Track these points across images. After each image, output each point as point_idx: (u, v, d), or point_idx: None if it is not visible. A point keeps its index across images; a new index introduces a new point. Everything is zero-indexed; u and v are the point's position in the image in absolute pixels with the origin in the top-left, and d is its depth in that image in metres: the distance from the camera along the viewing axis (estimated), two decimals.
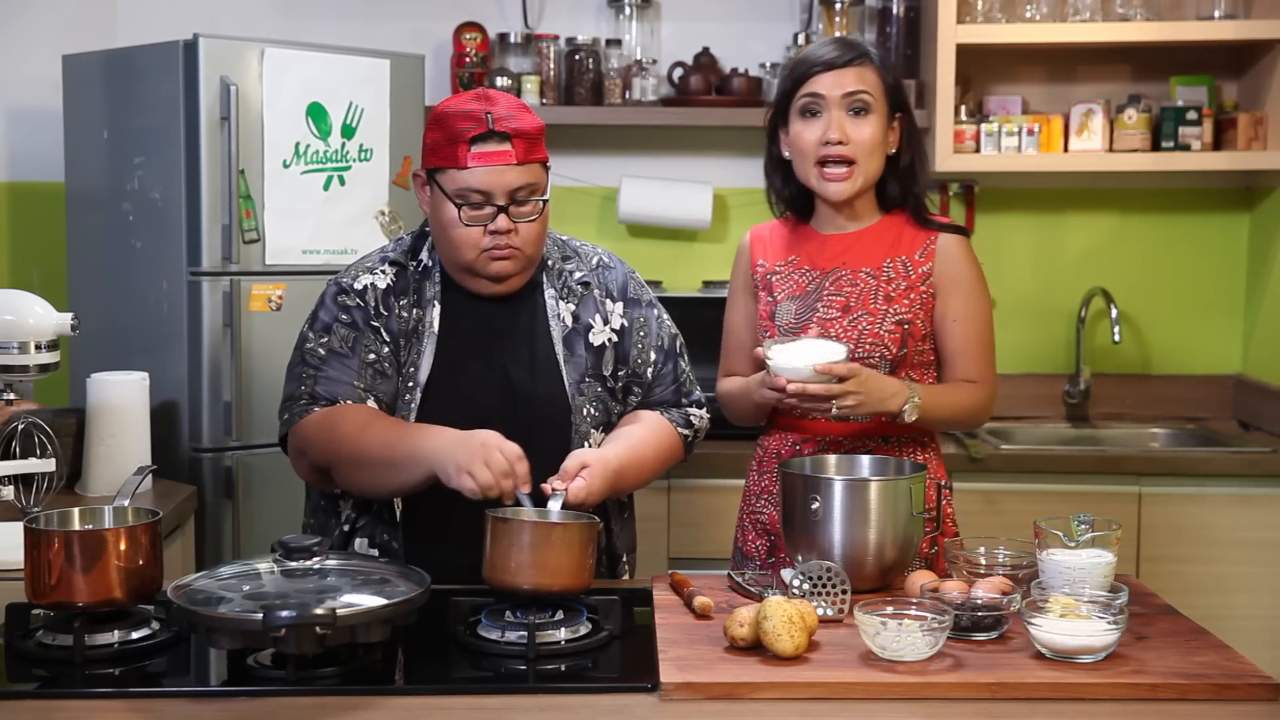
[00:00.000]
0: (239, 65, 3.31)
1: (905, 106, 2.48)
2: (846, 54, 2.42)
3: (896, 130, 2.47)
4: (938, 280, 2.45)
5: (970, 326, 2.46)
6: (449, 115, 2.24)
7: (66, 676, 1.87)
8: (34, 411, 2.91)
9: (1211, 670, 1.86)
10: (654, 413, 2.43)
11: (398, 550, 2.29)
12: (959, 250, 2.47)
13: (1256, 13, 3.86)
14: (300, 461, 2.31)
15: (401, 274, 2.34)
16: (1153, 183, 4.12)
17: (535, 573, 1.98)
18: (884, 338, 2.42)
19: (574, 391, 2.32)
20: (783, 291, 2.51)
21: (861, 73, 2.42)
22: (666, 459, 2.41)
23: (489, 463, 2.04)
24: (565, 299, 2.36)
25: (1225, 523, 3.57)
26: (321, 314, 2.33)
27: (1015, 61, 4.09)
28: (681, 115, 3.97)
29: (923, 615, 1.90)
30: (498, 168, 2.20)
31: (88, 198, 3.58)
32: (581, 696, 1.81)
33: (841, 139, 2.40)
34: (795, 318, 2.48)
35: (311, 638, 1.75)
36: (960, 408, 2.46)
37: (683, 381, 2.47)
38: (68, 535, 1.94)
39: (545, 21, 4.11)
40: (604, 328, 2.37)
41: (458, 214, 2.22)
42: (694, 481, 3.53)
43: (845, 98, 2.41)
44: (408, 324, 2.30)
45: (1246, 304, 4.16)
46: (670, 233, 4.14)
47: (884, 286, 2.44)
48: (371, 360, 2.28)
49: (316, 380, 2.28)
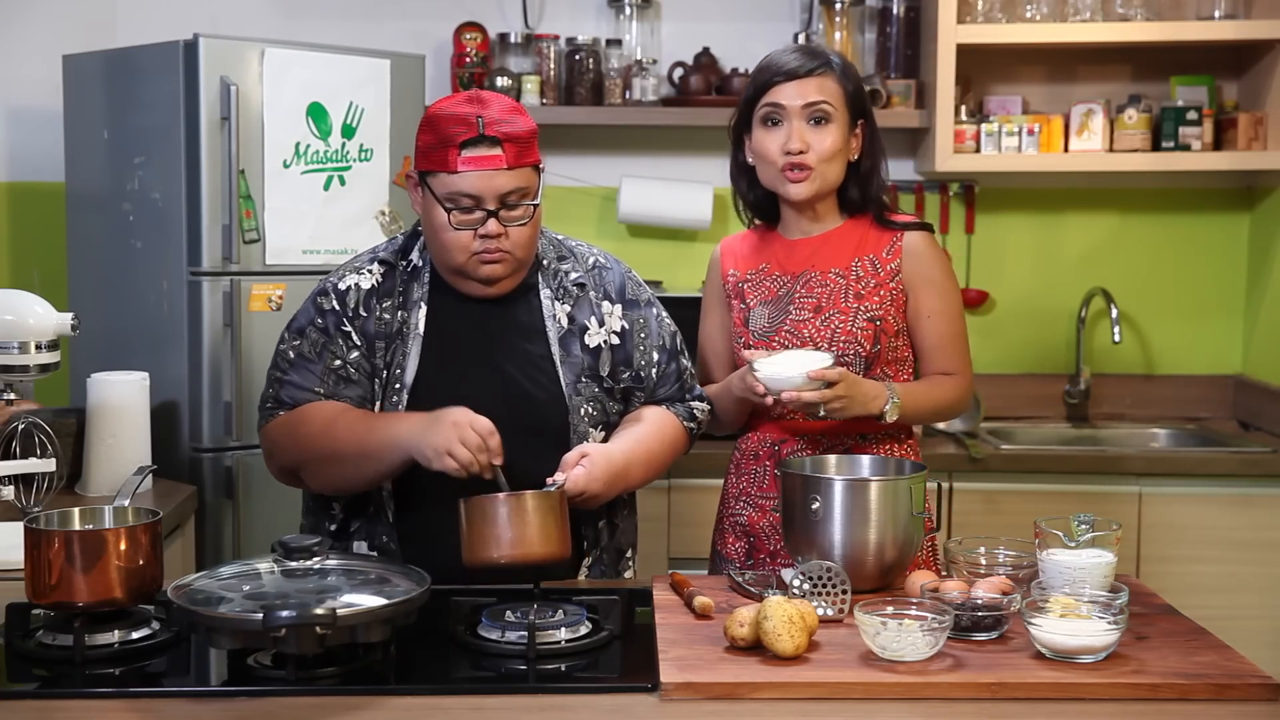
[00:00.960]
0: (239, 65, 3.31)
1: (867, 113, 2.52)
2: (808, 64, 2.46)
3: (859, 137, 2.51)
4: (907, 278, 2.49)
5: (944, 321, 2.50)
6: (440, 118, 2.23)
7: (66, 676, 1.87)
8: (34, 411, 2.90)
9: (1211, 670, 1.86)
10: (658, 408, 2.43)
11: (395, 551, 2.30)
12: (925, 246, 2.51)
13: (1256, 13, 3.86)
14: (271, 463, 2.36)
15: (390, 273, 2.34)
16: (1153, 183, 4.12)
17: (512, 545, 2.01)
18: (856, 335, 2.45)
19: (571, 391, 2.32)
20: (754, 298, 2.55)
21: (823, 83, 2.46)
22: (673, 452, 2.42)
23: (464, 441, 2.07)
24: (561, 300, 2.36)
25: (1225, 523, 3.57)
26: (300, 315, 2.36)
27: (1015, 61, 4.09)
28: (681, 115, 3.97)
29: (923, 615, 1.90)
30: (487, 172, 2.19)
31: (88, 198, 3.58)
32: (581, 696, 1.81)
33: (802, 148, 2.44)
34: (769, 322, 2.51)
35: (311, 638, 1.75)
36: (938, 402, 2.51)
37: (685, 378, 2.48)
38: (68, 535, 1.93)
39: (545, 21, 4.11)
40: (600, 330, 2.36)
41: (447, 218, 2.22)
42: (694, 481, 3.53)
43: (806, 108, 2.45)
44: (390, 326, 2.30)
45: (1246, 304, 4.16)
46: (670, 233, 4.14)
47: (853, 285, 2.48)
48: (336, 366, 2.30)
49: (282, 385, 2.32)
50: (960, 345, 2.53)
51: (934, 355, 2.51)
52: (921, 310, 2.49)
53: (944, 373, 2.52)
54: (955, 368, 2.52)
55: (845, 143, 2.48)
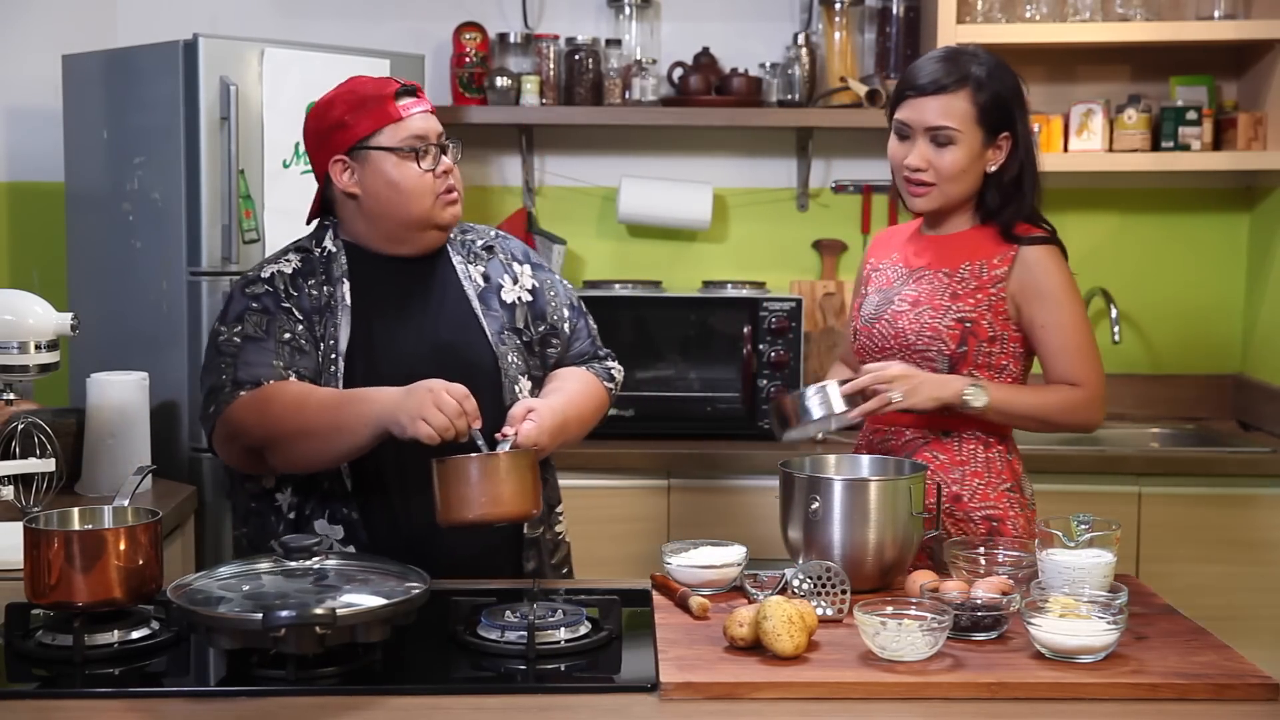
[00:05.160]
0: (239, 65, 3.31)
1: (1012, 123, 2.48)
2: (940, 80, 2.43)
3: (1003, 148, 2.47)
4: (1019, 288, 2.46)
5: (1059, 333, 2.46)
6: (353, 91, 2.36)
7: (66, 676, 1.87)
8: (34, 411, 2.90)
9: (1211, 670, 1.86)
10: (579, 369, 2.52)
11: (356, 520, 2.31)
12: (1040, 258, 2.47)
13: (1256, 13, 3.86)
14: (231, 447, 2.31)
15: (307, 259, 2.40)
16: (1153, 183, 4.12)
17: (486, 504, 2.05)
18: (942, 332, 2.46)
19: (496, 341, 2.40)
20: (874, 286, 2.60)
21: (951, 103, 2.43)
22: (599, 410, 2.51)
23: (440, 406, 2.09)
24: (473, 263, 2.46)
25: (1225, 523, 3.57)
26: (232, 306, 2.36)
27: (1015, 61, 4.00)
28: (681, 115, 3.97)
29: (923, 615, 1.90)
30: (427, 114, 2.36)
31: (88, 198, 3.57)
32: (581, 696, 1.81)
33: (922, 166, 2.45)
34: (875, 310, 2.56)
35: (311, 638, 1.75)
36: (1044, 404, 2.46)
37: (594, 336, 2.59)
38: (68, 535, 1.94)
39: (545, 21, 4.11)
40: (514, 286, 2.47)
41: (415, 160, 2.31)
42: (694, 481, 3.53)
43: (928, 130, 2.44)
44: (320, 300, 2.35)
45: (1246, 304, 4.16)
46: (670, 233, 4.14)
47: (954, 285, 2.48)
48: (288, 339, 2.32)
49: (237, 367, 2.29)
50: (1081, 357, 2.46)
51: (1055, 365, 2.48)
52: (1035, 321, 2.47)
53: (1066, 382, 2.47)
54: (1077, 378, 2.46)
55: (975, 159, 2.45)
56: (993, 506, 2.47)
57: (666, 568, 2.23)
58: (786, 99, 4.00)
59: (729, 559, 2.21)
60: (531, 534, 2.42)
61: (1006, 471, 2.51)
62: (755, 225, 4.16)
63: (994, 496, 2.48)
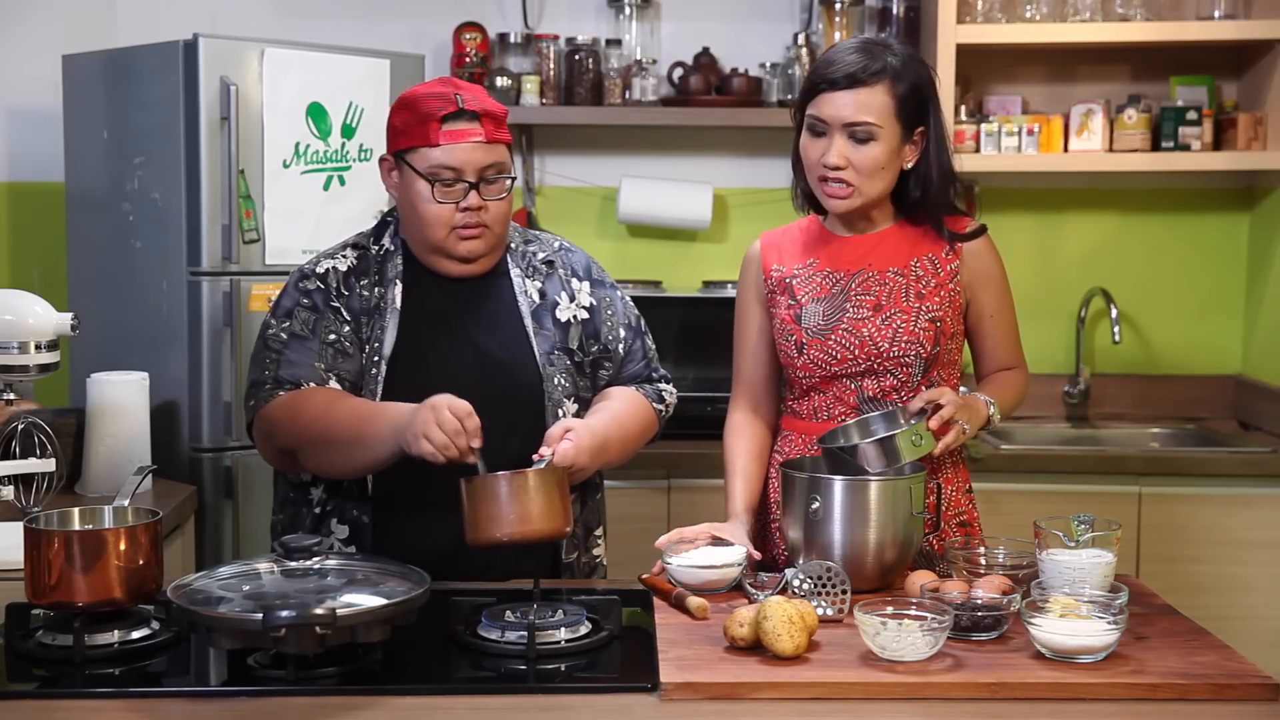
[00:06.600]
0: (239, 65, 3.31)
1: (925, 119, 2.37)
2: (858, 72, 2.30)
3: (919, 144, 2.38)
4: (971, 278, 2.44)
5: (1004, 319, 2.48)
6: (418, 97, 2.30)
7: (66, 676, 1.87)
8: (34, 411, 2.90)
9: (1211, 670, 1.86)
10: (628, 388, 2.47)
11: (367, 525, 2.31)
12: (985, 247, 2.47)
13: (1256, 13, 3.86)
14: (266, 445, 2.33)
15: (363, 257, 2.38)
16: (1153, 183, 4.12)
17: (515, 522, 2.01)
18: (919, 335, 2.38)
19: (544, 361, 2.36)
20: (806, 294, 2.44)
21: (869, 98, 2.30)
22: (645, 432, 2.46)
23: (440, 423, 2.07)
24: (531, 277, 2.42)
25: (1225, 523, 3.57)
26: (284, 300, 2.36)
27: (1015, 61, 4.09)
28: (681, 115, 3.97)
29: (923, 615, 1.90)
30: (468, 145, 2.27)
31: (88, 198, 3.57)
32: (581, 696, 1.81)
33: (840, 163, 2.33)
34: (824, 319, 2.41)
35: (311, 638, 1.75)
36: (1017, 398, 2.49)
37: (650, 357, 2.53)
38: (68, 535, 1.94)
39: (545, 21, 4.11)
40: (571, 304, 2.42)
41: (430, 191, 2.27)
42: (694, 481, 3.53)
43: (846, 126, 2.32)
44: (370, 301, 2.34)
45: (1246, 304, 4.16)
46: (670, 233, 4.14)
47: (914, 284, 2.41)
48: (332, 340, 2.31)
49: (279, 364, 2.30)
50: (1018, 339, 2.51)
51: (997, 353, 2.48)
52: (984, 310, 2.46)
53: (1005, 368, 2.49)
54: (1016, 361, 2.50)
55: (893, 155, 2.34)
56: (963, 511, 2.47)
57: (667, 568, 2.23)
58: (787, 99, 4.00)
59: (729, 559, 2.21)
60: (567, 559, 2.39)
61: (964, 474, 2.52)
62: (755, 225, 4.14)
63: (963, 501, 2.48)
